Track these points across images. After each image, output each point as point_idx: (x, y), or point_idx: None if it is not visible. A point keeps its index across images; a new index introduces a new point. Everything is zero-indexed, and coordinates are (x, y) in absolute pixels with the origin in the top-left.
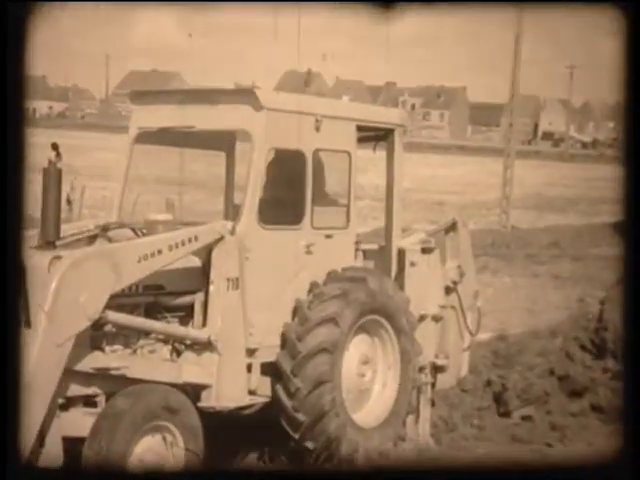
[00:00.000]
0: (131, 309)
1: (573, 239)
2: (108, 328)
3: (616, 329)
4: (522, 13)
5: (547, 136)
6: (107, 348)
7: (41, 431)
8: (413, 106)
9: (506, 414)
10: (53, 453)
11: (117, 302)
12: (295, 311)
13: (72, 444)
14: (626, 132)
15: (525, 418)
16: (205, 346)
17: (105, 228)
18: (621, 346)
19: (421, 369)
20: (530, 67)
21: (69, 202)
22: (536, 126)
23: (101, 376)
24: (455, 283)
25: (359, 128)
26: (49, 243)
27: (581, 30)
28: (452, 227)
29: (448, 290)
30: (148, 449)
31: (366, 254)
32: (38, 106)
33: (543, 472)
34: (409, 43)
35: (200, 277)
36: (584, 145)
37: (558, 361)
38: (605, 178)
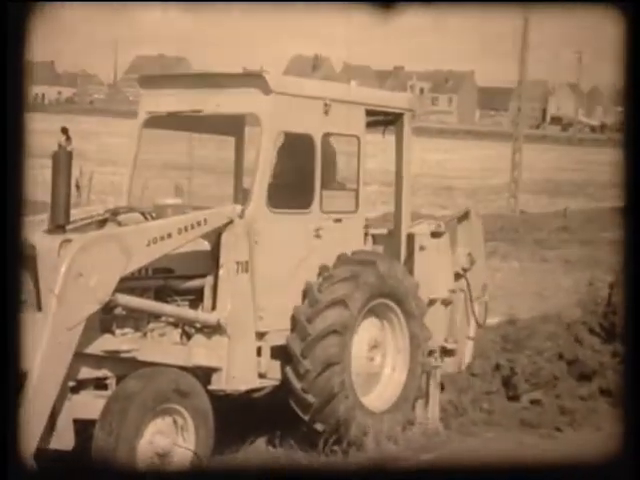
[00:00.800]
0: (141, 292)
1: (582, 223)
2: (118, 311)
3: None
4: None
5: (555, 120)
6: (117, 331)
7: (52, 414)
8: (422, 90)
9: (515, 398)
10: (64, 436)
11: (127, 285)
12: (305, 294)
13: (83, 426)
14: (627, 134)
15: (534, 402)
16: (215, 329)
17: (115, 212)
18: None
19: (430, 353)
20: (538, 51)
21: (78, 187)
22: (544, 110)
23: (111, 359)
24: (465, 270)
25: (368, 112)
26: (59, 227)
27: (589, 15)
28: (465, 216)
29: (457, 277)
30: (158, 431)
31: (375, 239)
32: (47, 92)
33: (543, 471)
34: (417, 28)
35: (209, 261)
36: (592, 129)
37: (567, 345)
38: (613, 162)
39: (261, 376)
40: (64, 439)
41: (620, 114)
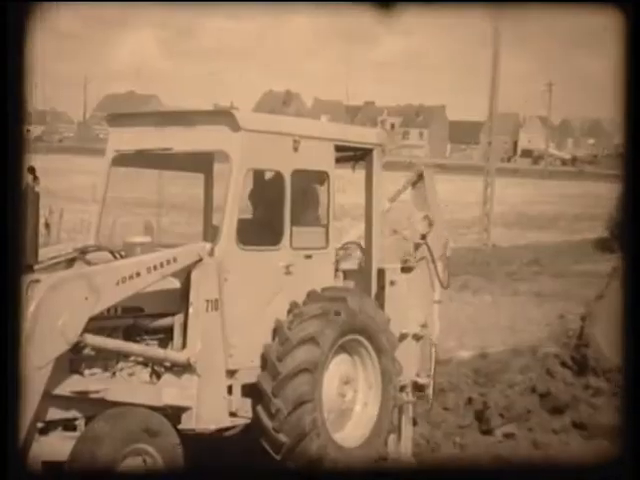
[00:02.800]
0: (110, 332)
1: (553, 256)
2: (87, 351)
3: (596, 345)
4: (500, 30)
5: (526, 153)
6: (86, 371)
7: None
8: (392, 125)
9: (488, 432)
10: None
11: (96, 325)
12: (275, 331)
13: (52, 469)
14: (626, 133)
15: (507, 436)
16: (185, 368)
17: (83, 251)
18: (602, 362)
19: (402, 388)
20: (509, 85)
21: (47, 226)
22: (515, 144)
23: (80, 399)
24: (424, 236)
25: (338, 148)
26: (27, 267)
27: (560, 47)
28: (419, 178)
29: (417, 246)
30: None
31: (346, 274)
32: None
33: (543, 472)
34: (388, 62)
35: (179, 299)
36: (563, 162)
37: (539, 378)
38: (585, 195)
39: (232, 415)
40: None
41: (591, 146)
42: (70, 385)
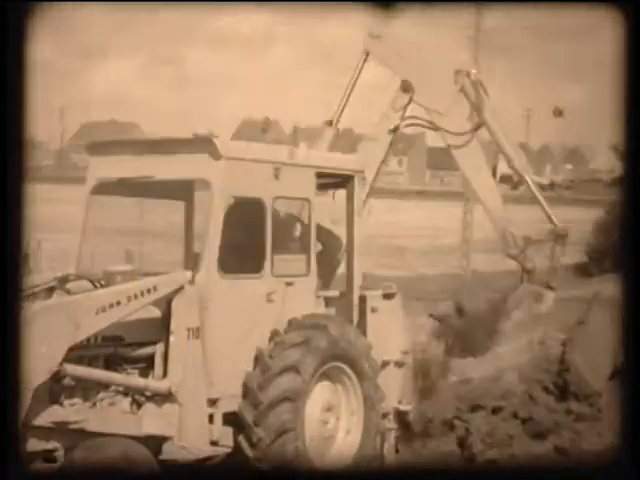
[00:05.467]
0: (90, 361)
1: None
2: (67, 381)
3: (577, 370)
4: (479, 56)
5: (505, 179)
6: (66, 402)
7: None
8: None
9: (470, 459)
10: None
11: (76, 354)
12: (256, 360)
13: None
14: (626, 133)
15: (490, 462)
16: (166, 397)
17: (63, 280)
18: (583, 387)
19: (384, 415)
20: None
21: (25, 255)
22: (494, 169)
23: (60, 430)
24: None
25: (319, 175)
26: None
27: (540, 74)
28: None
29: None
30: None
31: (327, 301)
32: None
33: (543, 472)
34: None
35: (160, 327)
36: (542, 187)
37: (521, 404)
38: (563, 220)
39: (213, 443)
40: None
41: (569, 172)
42: (50, 416)
